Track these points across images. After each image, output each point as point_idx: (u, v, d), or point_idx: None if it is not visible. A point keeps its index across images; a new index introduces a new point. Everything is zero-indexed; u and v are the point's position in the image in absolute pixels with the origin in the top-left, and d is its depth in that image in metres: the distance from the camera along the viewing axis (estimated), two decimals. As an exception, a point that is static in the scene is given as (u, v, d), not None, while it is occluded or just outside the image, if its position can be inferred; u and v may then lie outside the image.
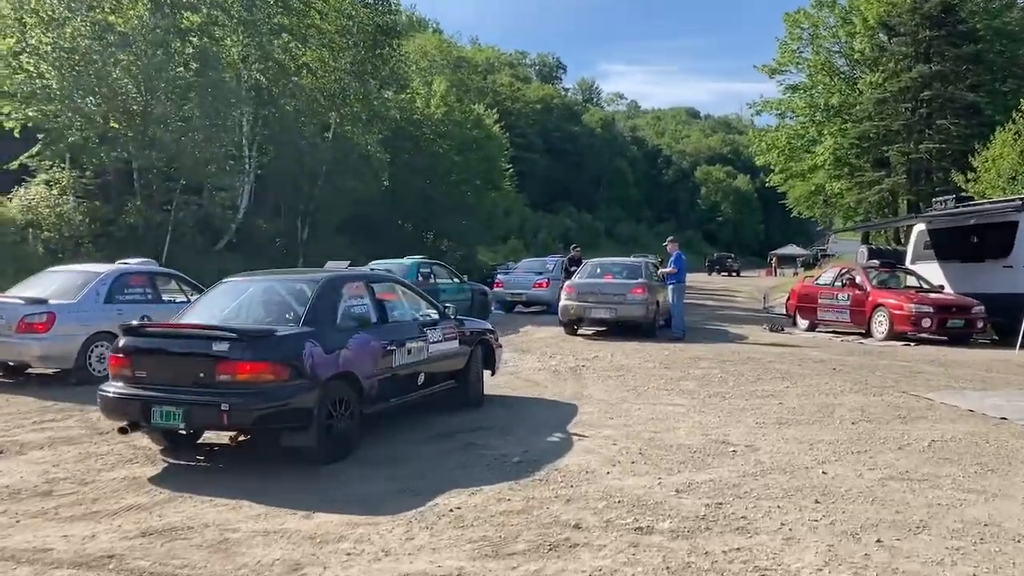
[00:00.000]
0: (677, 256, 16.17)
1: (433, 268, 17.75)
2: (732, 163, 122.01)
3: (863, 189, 33.72)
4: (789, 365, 12.03)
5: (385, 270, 15.84)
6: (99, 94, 24.74)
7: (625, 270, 16.75)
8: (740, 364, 12.08)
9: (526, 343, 14.89)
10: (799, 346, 14.97)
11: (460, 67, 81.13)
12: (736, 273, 68.41)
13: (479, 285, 19.36)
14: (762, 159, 38.03)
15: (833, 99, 33.90)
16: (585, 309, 15.73)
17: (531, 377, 10.89)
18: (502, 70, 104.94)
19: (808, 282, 18.94)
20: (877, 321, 16.08)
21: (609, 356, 12.92)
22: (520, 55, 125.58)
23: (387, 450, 6.96)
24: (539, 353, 13.38)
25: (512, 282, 21.83)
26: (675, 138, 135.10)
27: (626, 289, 15.66)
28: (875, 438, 7.29)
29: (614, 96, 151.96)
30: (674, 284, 16.03)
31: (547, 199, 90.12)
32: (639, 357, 12.80)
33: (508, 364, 11.90)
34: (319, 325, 6.63)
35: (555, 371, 11.35)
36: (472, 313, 17.98)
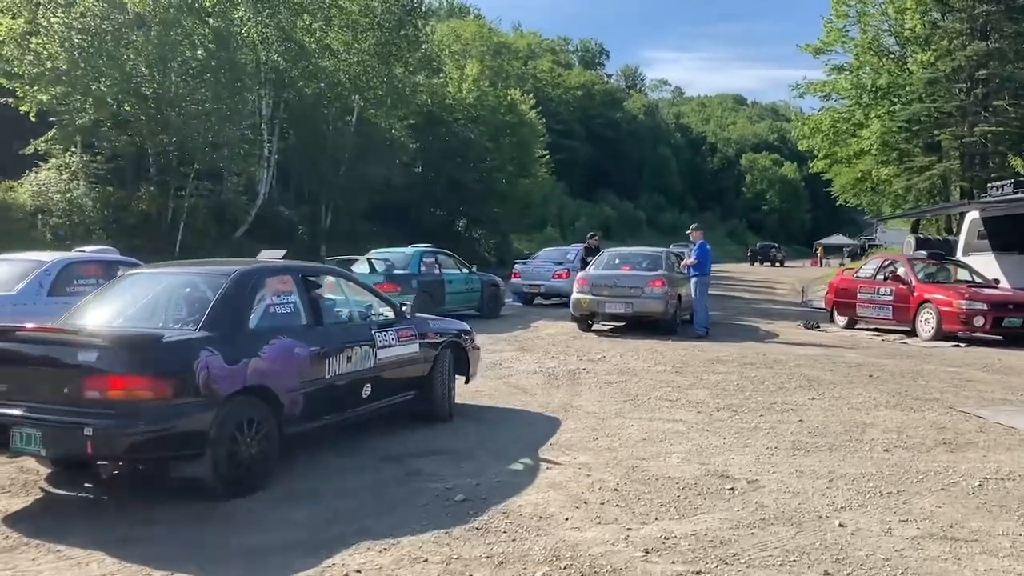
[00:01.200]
0: (700, 246, 14.75)
1: (439, 257, 16.54)
2: (779, 151, 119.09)
3: (912, 175, 31.71)
4: (819, 370, 10.61)
5: (383, 259, 14.77)
6: (110, 75, 23.89)
7: (644, 261, 15.36)
8: (763, 368, 10.69)
9: (532, 340, 13.63)
10: (834, 346, 13.49)
11: (500, 53, 79.75)
12: (780, 263, 66.31)
13: (490, 276, 18.10)
14: (805, 144, 36.12)
15: (881, 80, 31.90)
16: (599, 303, 14.40)
17: (521, 382, 9.63)
18: (544, 56, 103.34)
19: (847, 275, 17.34)
20: (923, 319, 14.51)
21: (618, 357, 11.61)
22: (563, 41, 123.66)
23: (311, 480, 5.76)
24: (541, 352, 12.11)
25: (530, 273, 20.56)
26: (720, 125, 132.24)
27: (644, 282, 14.30)
28: (912, 473, 5.91)
29: (658, 82, 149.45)
30: (697, 276, 14.62)
31: (587, 187, 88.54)
32: (651, 359, 11.47)
33: (501, 366, 10.70)
34: (221, 329, 5.43)
35: (551, 375, 10.07)
36: (482, 306, 16.83)
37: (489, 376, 9.94)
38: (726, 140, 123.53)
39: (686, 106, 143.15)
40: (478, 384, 9.29)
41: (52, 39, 23.25)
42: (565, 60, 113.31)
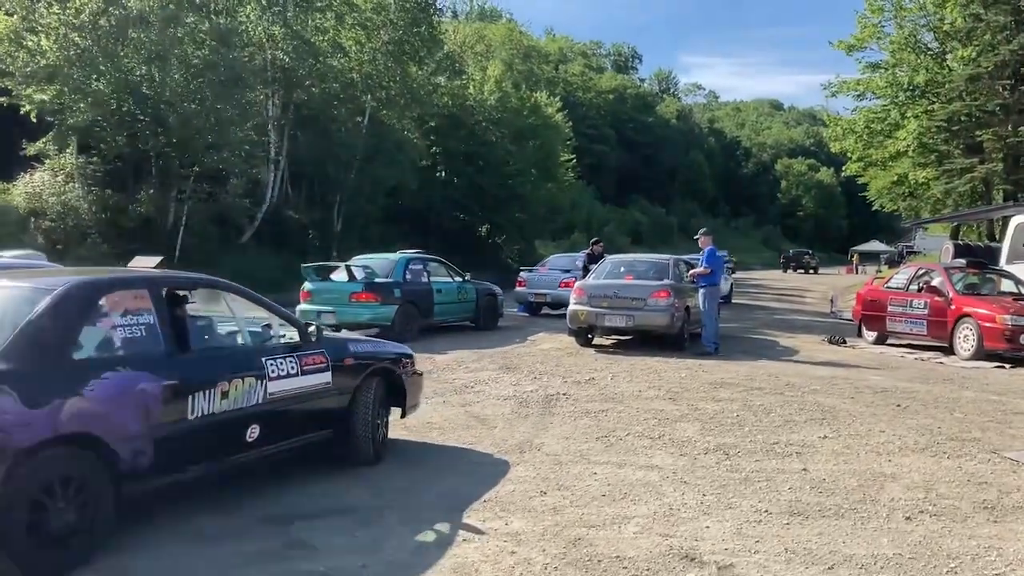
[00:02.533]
0: (710, 252, 13.30)
1: (427, 265, 15.22)
2: (815, 156, 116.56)
3: (952, 178, 29.87)
4: (838, 397, 9.14)
5: (362, 266, 13.52)
6: (107, 73, 22.99)
7: (650, 269, 13.93)
8: (773, 394, 9.24)
9: (520, 357, 12.27)
10: (859, 367, 11.97)
11: (530, 56, 78.63)
12: (814, 271, 64.24)
13: (487, 284, 16.75)
14: (837, 146, 34.40)
15: (918, 77, 30.13)
16: (597, 316, 13.01)
17: (486, 411, 8.28)
18: (575, 60, 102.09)
19: (877, 285, 15.73)
20: (962, 336, 12.94)
21: (608, 379, 10.22)
22: (595, 45, 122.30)
23: (147, 556, 4.46)
24: (525, 372, 10.76)
25: (536, 281, 19.21)
26: (755, 130, 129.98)
27: (647, 292, 12.89)
28: (940, 556, 4.47)
29: (691, 87, 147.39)
30: (706, 287, 13.17)
31: (618, 192, 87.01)
32: (645, 381, 10.07)
33: (472, 388, 9.38)
34: (23, 361, 4.15)
35: (523, 402, 8.71)
36: (478, 318, 15.54)
37: (452, 402, 8.64)
38: (761, 145, 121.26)
39: (721, 111, 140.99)
40: (434, 412, 7.99)
41: (48, 35, 22.43)
42: (597, 64, 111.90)
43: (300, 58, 28.57)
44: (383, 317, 13.68)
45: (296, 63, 28.50)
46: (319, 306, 13.86)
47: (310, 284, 14.21)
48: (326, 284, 14.07)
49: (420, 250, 16.36)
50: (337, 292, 13.79)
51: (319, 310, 13.77)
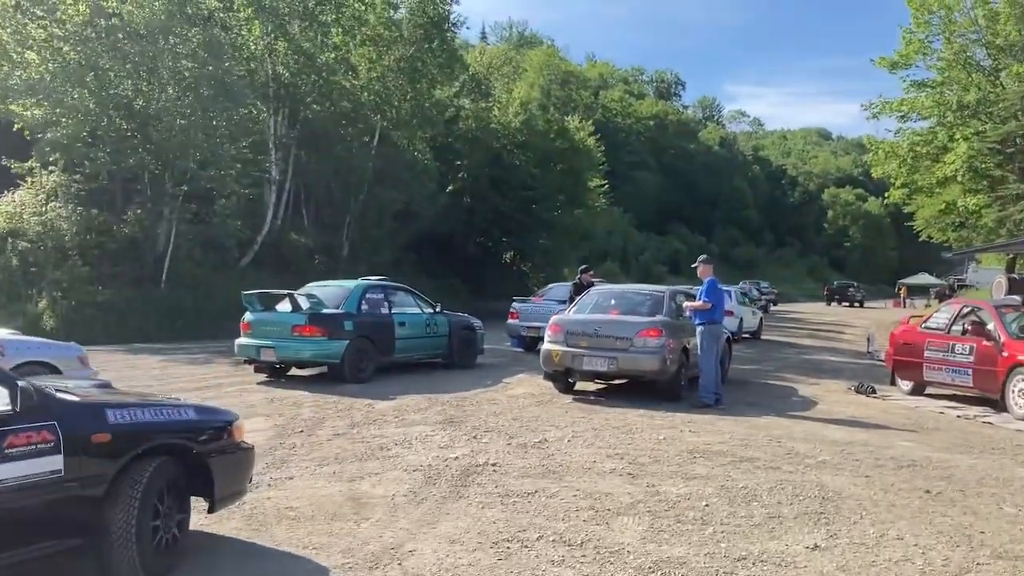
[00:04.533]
0: (710, 284, 11.19)
1: (390, 294, 13.30)
2: (863, 185, 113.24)
3: (1006, 204, 27.29)
4: (849, 475, 7.03)
5: (307, 295, 11.70)
6: (88, 85, 21.69)
7: (640, 302, 11.83)
8: (765, 469, 7.16)
9: (475, 407, 10.29)
10: (885, 427, 9.77)
11: (568, 82, 77.25)
12: (859, 304, 61.15)
13: (463, 317, 14.80)
14: (879, 170, 31.94)
15: (969, 96, 27.68)
16: (574, 357, 11.00)
17: (376, 490, 6.32)
18: (616, 86, 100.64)
19: (913, 325, 13.44)
20: (1016, 389, 10.66)
21: (564, 442, 8.20)
22: (637, 71, 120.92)
23: None
24: (468, 429, 8.79)
25: (529, 313, 17.22)
26: (802, 158, 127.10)
27: (634, 331, 10.85)
28: None
29: (736, 113, 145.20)
30: (705, 325, 11.07)
31: (658, 219, 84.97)
32: (608, 446, 8.03)
33: (384, 452, 7.44)
34: None
35: (433, 476, 6.73)
36: (451, 354, 13.63)
37: (345, 473, 6.72)
38: (807, 174, 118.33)
39: (766, 139, 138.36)
40: (310, 488, 6.16)
41: (35, 48, 21.26)
42: (638, 90, 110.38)
43: (302, 73, 27.11)
44: (330, 354, 11.83)
45: (298, 79, 27.04)
46: (259, 340, 12.07)
47: (251, 315, 12.43)
48: (268, 315, 12.26)
49: (384, 277, 14.48)
50: (279, 324, 11.97)
51: (259, 344, 12.00)
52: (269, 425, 8.83)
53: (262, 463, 7.08)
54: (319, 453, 7.50)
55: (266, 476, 6.63)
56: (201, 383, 11.98)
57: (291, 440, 8.07)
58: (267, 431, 8.52)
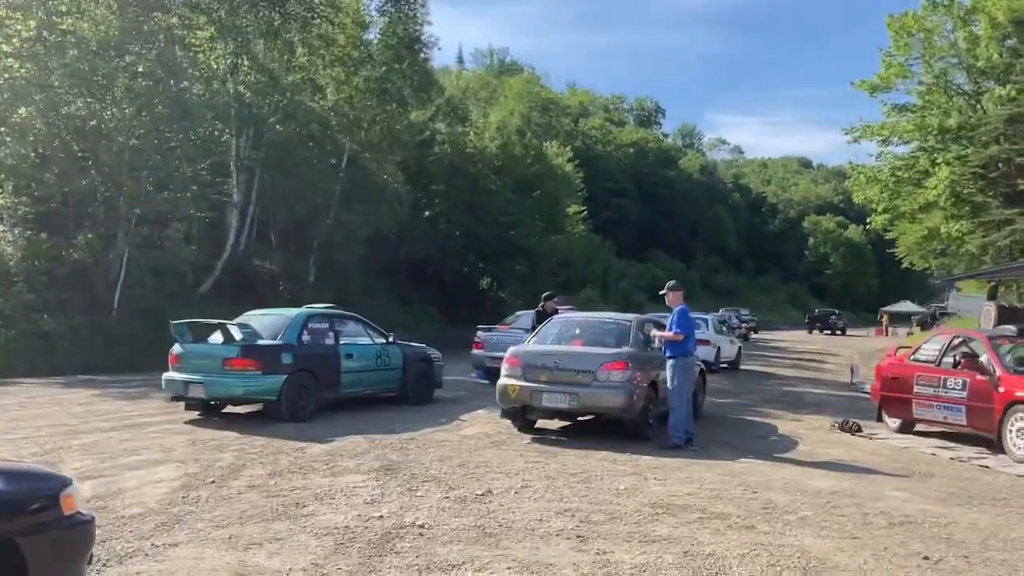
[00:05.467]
0: (680, 313, 10.22)
1: (337, 323, 12.24)
2: (844, 213, 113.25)
3: (989, 231, 26.59)
4: (834, 536, 6.04)
5: (240, 325, 10.65)
6: (37, 104, 20.68)
7: (605, 332, 10.84)
8: (737, 529, 6.16)
9: (421, 450, 9.25)
10: (873, 472, 8.81)
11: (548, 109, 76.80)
12: (841, 332, 60.53)
13: (419, 348, 13.75)
14: (860, 196, 31.23)
15: (950, 120, 27.10)
16: (532, 393, 9.99)
17: (267, 563, 5.24)
18: (596, 114, 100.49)
19: (901, 356, 12.51)
20: (1015, 429, 9.73)
21: (510, 495, 7.17)
22: (617, 99, 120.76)
23: None
24: (406, 477, 7.75)
25: (495, 343, 16.15)
26: (782, 186, 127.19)
27: (597, 363, 9.86)
28: None
29: (716, 141, 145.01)
30: (676, 359, 10.09)
31: (638, 246, 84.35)
32: (560, 499, 7.01)
33: (301, 511, 6.39)
34: None
35: (345, 543, 5.66)
36: (405, 389, 12.60)
37: (245, 538, 5.68)
38: (788, 201, 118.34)
39: (747, 167, 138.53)
40: (182, 562, 5.06)
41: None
42: (619, 118, 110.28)
43: (265, 93, 26.19)
44: (265, 390, 10.75)
45: (260, 98, 26.11)
46: (187, 374, 10.99)
47: (179, 346, 11.36)
48: (198, 347, 11.19)
49: (332, 305, 13.45)
50: (208, 357, 10.90)
51: (187, 380, 10.91)
52: (179, 474, 7.77)
53: (153, 523, 6.05)
54: (223, 511, 6.45)
55: (148, 541, 5.58)
56: (123, 422, 10.88)
57: (197, 493, 7.01)
58: (174, 481, 7.46)
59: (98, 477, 7.57)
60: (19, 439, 9.44)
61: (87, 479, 7.46)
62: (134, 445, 9.19)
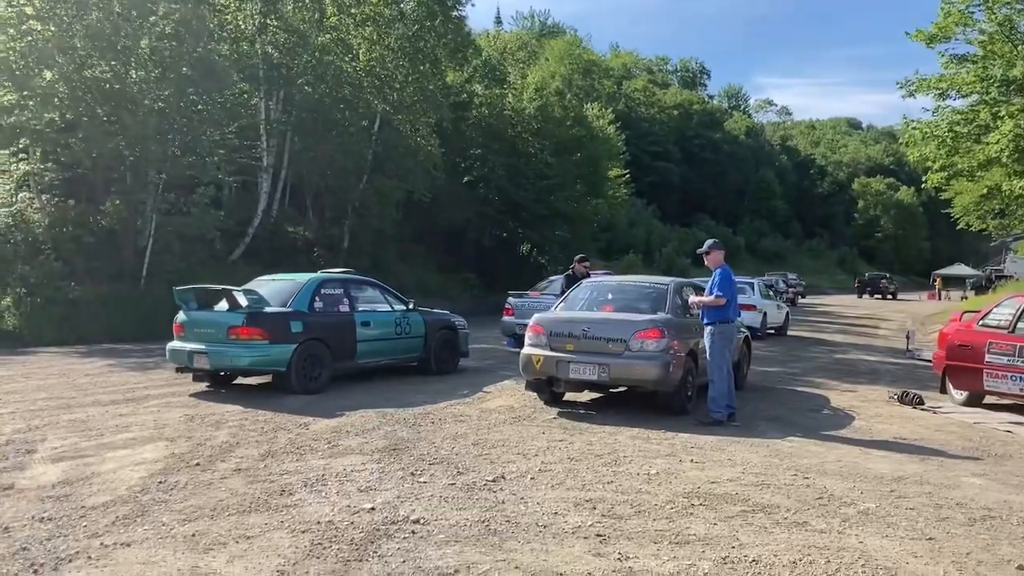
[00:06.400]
0: (723, 274, 9.24)
1: (352, 289, 11.43)
2: (895, 174, 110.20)
3: (1056, 189, 24.98)
4: (904, 537, 5.09)
5: (246, 291, 9.90)
6: (60, 67, 20.15)
7: (639, 297, 9.90)
8: (785, 528, 5.25)
9: (436, 426, 8.45)
10: (942, 453, 7.79)
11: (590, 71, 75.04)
12: (892, 296, 58.69)
13: (443, 315, 12.91)
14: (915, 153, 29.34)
15: (1015, 70, 25.32)
16: (558, 364, 9.11)
17: (227, 569, 4.48)
18: (640, 76, 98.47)
19: (968, 322, 11.34)
20: (1103, 403, 8.67)
21: (525, 480, 6.32)
22: (661, 60, 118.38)
23: None
24: (413, 459, 6.94)
25: (526, 309, 15.28)
26: (831, 148, 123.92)
27: (630, 331, 8.95)
28: None
29: (763, 103, 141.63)
30: (715, 325, 9.14)
31: (682, 211, 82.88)
32: (580, 487, 6.13)
33: (286, 498, 5.63)
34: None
35: (321, 543, 4.84)
36: (428, 358, 11.81)
37: (205, 537, 4.91)
38: (837, 164, 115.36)
39: (794, 129, 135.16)
40: (128, 568, 4.30)
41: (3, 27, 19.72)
42: (663, 80, 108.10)
43: (294, 53, 25.38)
44: (273, 361, 10.01)
45: (289, 59, 25.31)
46: (191, 343, 10.29)
47: (183, 314, 10.66)
48: (202, 315, 10.48)
49: (347, 270, 12.65)
50: (213, 326, 10.18)
51: (191, 349, 10.21)
52: (164, 454, 7.05)
53: (114, 516, 5.32)
54: (197, 500, 5.69)
55: (99, 540, 4.83)
56: (126, 394, 10.24)
57: (176, 478, 6.28)
58: (156, 463, 6.74)
59: (75, 458, 6.88)
60: (7, 413, 8.83)
61: (63, 460, 6.79)
62: (127, 421, 8.52)
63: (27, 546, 4.74)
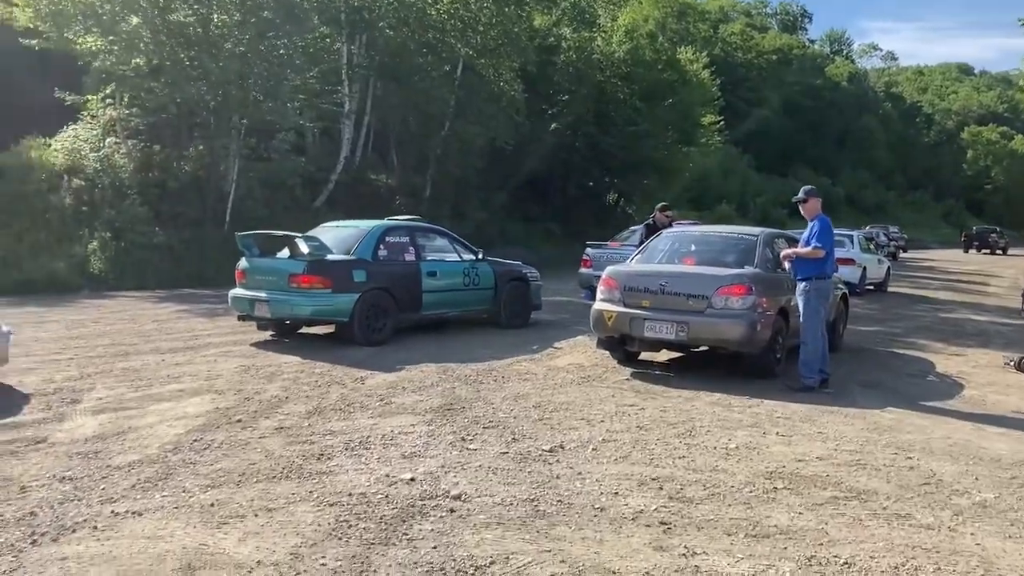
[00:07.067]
0: (821, 224, 8.26)
1: (419, 238, 10.88)
2: (1009, 123, 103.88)
3: None
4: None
5: (308, 238, 9.47)
6: (144, 11, 20.06)
7: (724, 249, 9.06)
8: (885, 522, 4.49)
9: (499, 384, 7.89)
10: (1073, 432, 6.86)
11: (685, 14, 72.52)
12: (1002, 251, 55.47)
13: (514, 266, 12.27)
14: (1039, 96, 27.37)
15: None
16: (633, 321, 8.40)
17: (237, 549, 3.97)
18: (737, 20, 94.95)
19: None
20: None
21: (586, 451, 5.70)
22: (760, 3, 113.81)
23: None
24: (467, 422, 6.39)
25: (604, 261, 14.49)
26: (940, 95, 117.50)
27: (712, 286, 8.16)
28: None
29: (867, 48, 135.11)
30: (810, 281, 8.26)
31: (780, 160, 79.94)
32: (647, 461, 5.48)
33: (322, 464, 5.16)
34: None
35: (348, 520, 4.32)
36: (499, 310, 11.24)
37: (224, 508, 4.45)
38: (945, 111, 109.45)
39: (900, 75, 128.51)
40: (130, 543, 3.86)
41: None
42: (761, 24, 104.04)
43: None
44: (335, 311, 9.58)
45: (369, 1, 24.74)
46: (253, 291, 9.94)
47: (246, 260, 10.31)
48: (264, 262, 10.12)
49: (414, 217, 12.11)
50: (275, 273, 9.80)
51: (252, 297, 9.86)
52: (208, 409, 6.67)
53: (136, 478, 4.92)
54: (227, 463, 5.26)
55: (112, 507, 4.42)
56: (189, 342, 9.99)
57: (212, 436, 5.87)
58: (197, 418, 6.36)
59: (117, 410, 6.55)
60: (64, 359, 8.63)
61: (103, 412, 6.47)
62: (180, 371, 8.21)
63: (36, 510, 4.37)
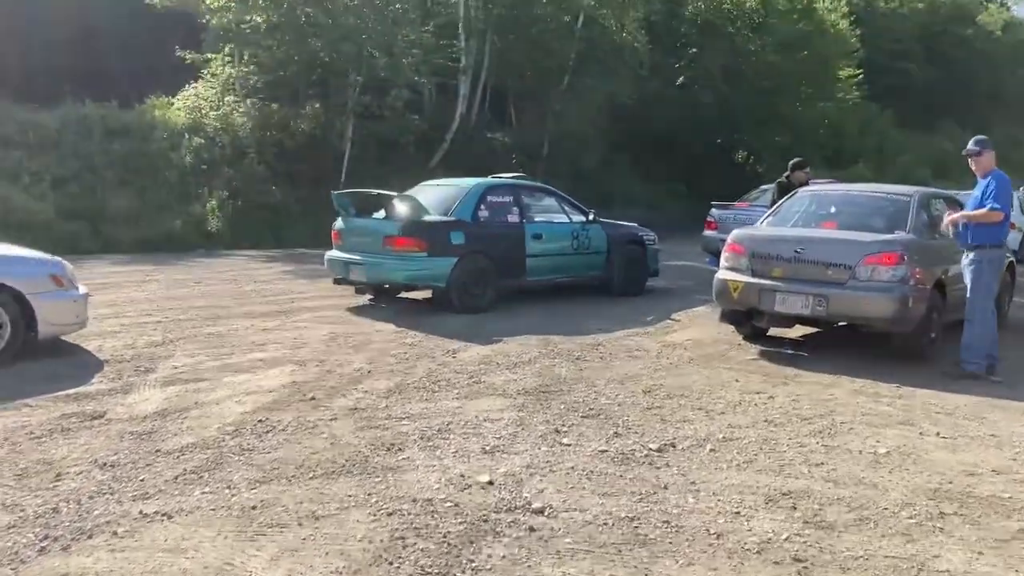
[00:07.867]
0: (998, 181, 6.88)
1: (524, 197, 9.97)
2: None
3: None
4: None
5: (405, 197, 8.81)
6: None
7: (872, 213, 7.85)
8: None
9: (604, 362, 7.02)
10: None
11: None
12: None
13: (628, 228, 11.23)
14: None
15: None
16: (762, 293, 7.35)
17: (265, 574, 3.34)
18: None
19: None
20: None
21: (702, 453, 4.78)
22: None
23: None
24: (555, 410, 5.57)
25: (731, 223, 13.30)
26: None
27: (857, 254, 7.00)
28: None
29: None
30: (981, 249, 6.96)
31: (924, 116, 74.72)
32: (779, 469, 4.52)
33: (386, 461, 4.44)
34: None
35: (401, 537, 3.58)
36: (612, 276, 10.35)
37: (267, 512, 3.79)
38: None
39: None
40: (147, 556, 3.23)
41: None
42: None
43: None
44: (431, 275, 8.89)
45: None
46: (348, 254, 9.35)
47: (342, 221, 9.71)
48: (360, 222, 9.50)
49: (519, 175, 11.24)
50: (370, 234, 9.18)
51: (348, 259, 9.28)
52: (285, 382, 6.08)
53: (182, 468, 4.33)
54: (286, 451, 4.62)
55: (141, 506, 3.82)
56: (284, 305, 9.53)
57: (279, 416, 5.25)
58: (268, 393, 5.77)
59: (188, 382, 6.04)
60: (152, 322, 8.27)
61: (174, 384, 5.98)
62: (267, 337, 7.70)
63: (62, 505, 3.82)
